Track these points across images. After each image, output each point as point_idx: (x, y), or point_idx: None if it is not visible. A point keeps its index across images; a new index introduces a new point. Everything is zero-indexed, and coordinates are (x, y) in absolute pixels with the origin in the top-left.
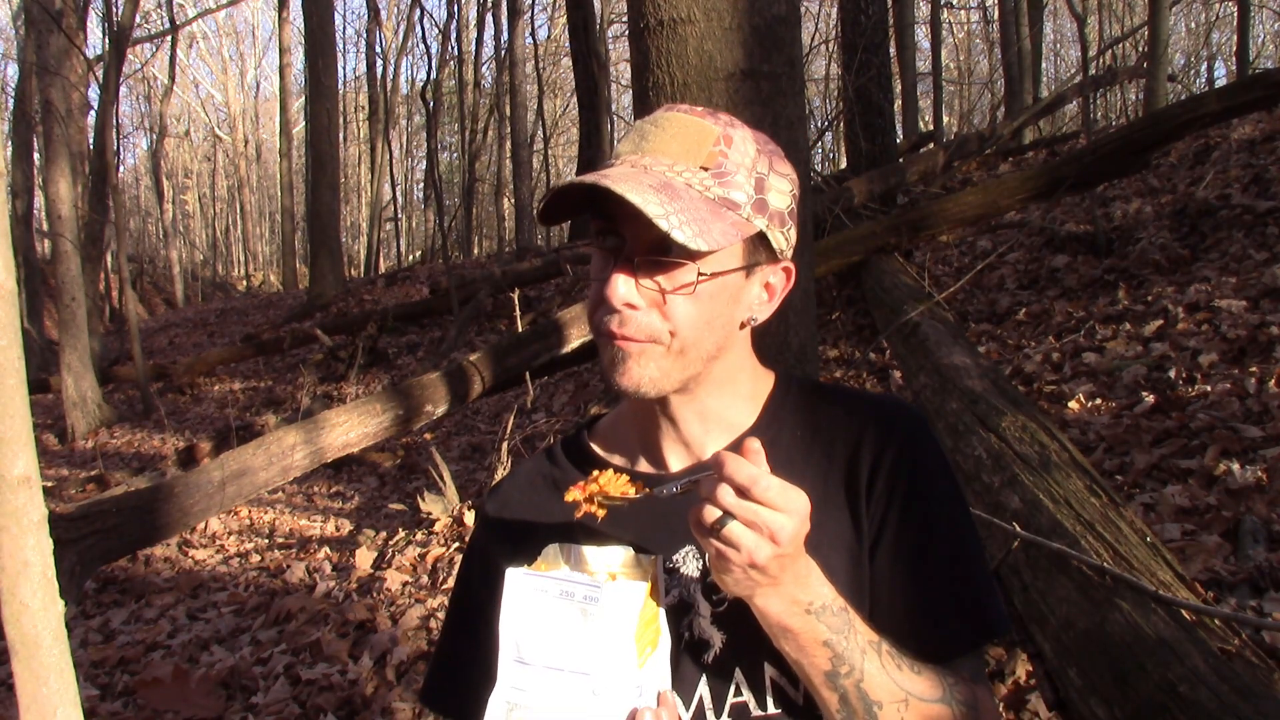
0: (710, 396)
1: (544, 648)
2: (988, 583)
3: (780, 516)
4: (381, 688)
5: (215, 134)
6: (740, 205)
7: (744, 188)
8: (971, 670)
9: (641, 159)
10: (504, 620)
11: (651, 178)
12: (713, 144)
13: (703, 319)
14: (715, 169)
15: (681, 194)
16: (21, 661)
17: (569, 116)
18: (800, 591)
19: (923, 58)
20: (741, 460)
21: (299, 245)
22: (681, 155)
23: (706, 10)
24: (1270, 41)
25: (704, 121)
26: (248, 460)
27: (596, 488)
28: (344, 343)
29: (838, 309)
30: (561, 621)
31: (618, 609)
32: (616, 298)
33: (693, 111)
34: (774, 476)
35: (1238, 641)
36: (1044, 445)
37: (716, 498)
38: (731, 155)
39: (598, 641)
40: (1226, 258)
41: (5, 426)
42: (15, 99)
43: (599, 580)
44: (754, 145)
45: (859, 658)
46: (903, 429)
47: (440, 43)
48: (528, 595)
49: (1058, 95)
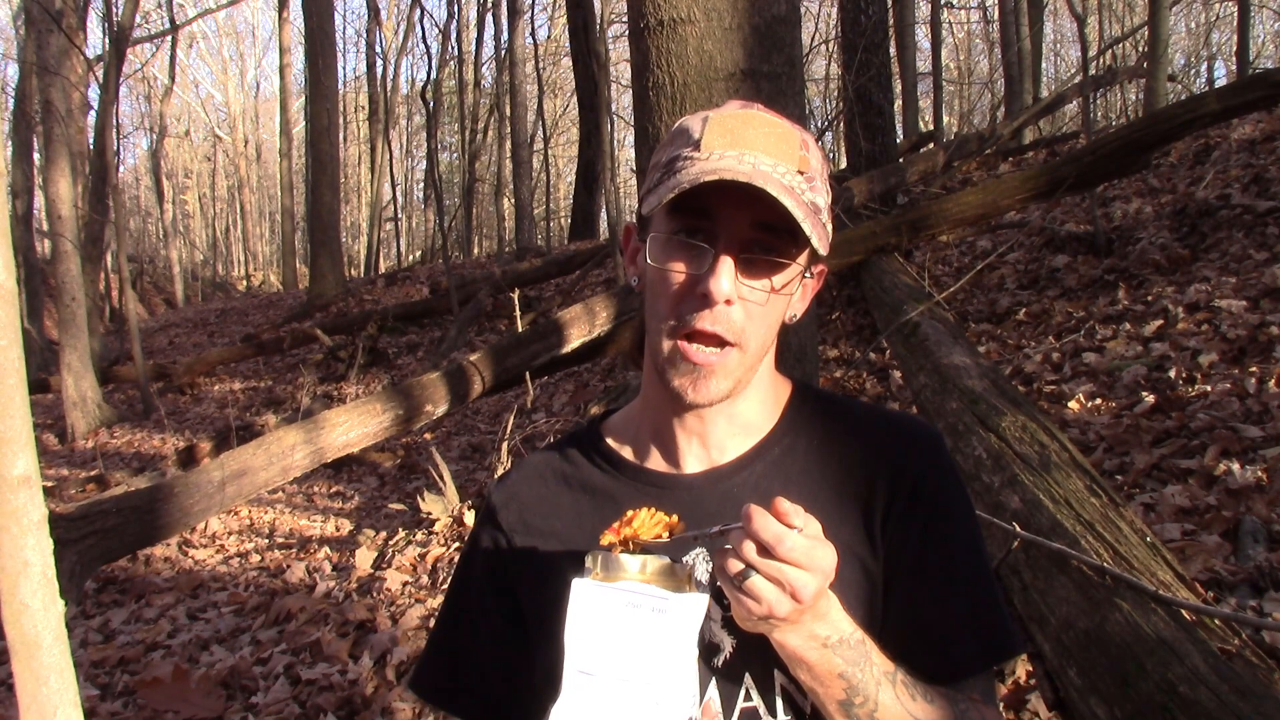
0: (743, 399)
1: (610, 658)
2: (1000, 604)
3: (804, 575)
4: (381, 688)
5: (215, 134)
6: (822, 210)
7: (822, 193)
8: (983, 690)
9: (743, 154)
10: (569, 630)
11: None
12: (799, 147)
13: (772, 324)
14: (806, 173)
15: (795, 197)
16: (21, 661)
17: (569, 116)
18: (818, 627)
19: (923, 58)
20: (769, 517)
21: (299, 245)
22: (780, 155)
23: (706, 10)
24: (1270, 41)
25: (783, 122)
26: (248, 460)
27: (630, 530)
28: (344, 343)
29: (838, 309)
30: (628, 632)
31: (685, 620)
32: (721, 292)
33: (767, 110)
34: (800, 537)
35: (1238, 641)
36: (1044, 445)
37: (742, 552)
38: (811, 160)
39: (664, 652)
40: (1226, 258)
41: (5, 426)
42: (15, 99)
43: (666, 593)
44: (817, 149)
45: (874, 689)
46: (922, 450)
47: (440, 43)
48: (594, 605)
49: (1058, 95)
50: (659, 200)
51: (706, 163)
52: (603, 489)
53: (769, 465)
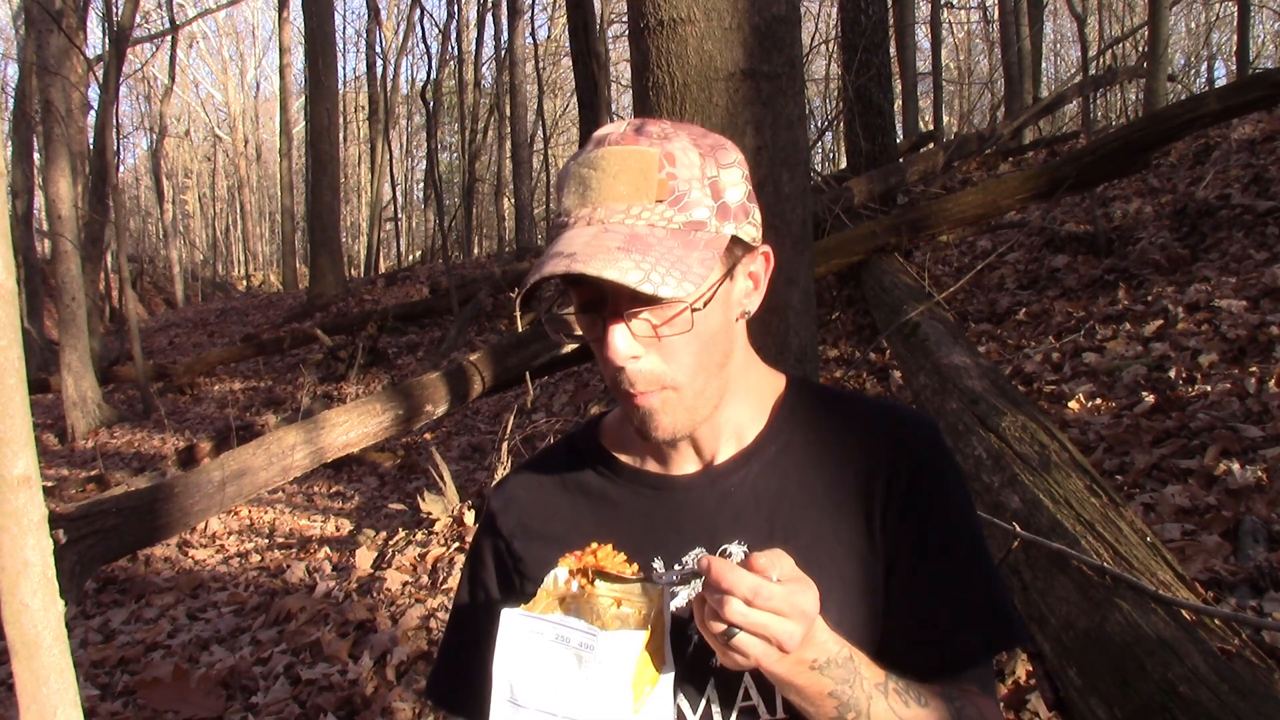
0: (728, 406)
1: (538, 691)
2: (1003, 593)
3: (787, 624)
4: (381, 688)
5: (215, 134)
6: (706, 223)
7: (703, 203)
8: (982, 681)
9: (594, 212)
10: (497, 660)
11: (614, 236)
12: (657, 170)
13: (704, 347)
14: (670, 197)
15: (649, 240)
16: (21, 661)
17: (569, 116)
18: (805, 652)
19: (923, 58)
20: (740, 571)
21: (299, 245)
22: (633, 195)
23: (706, 10)
24: (1270, 41)
25: (639, 148)
26: (248, 460)
27: (593, 560)
28: (344, 343)
29: (838, 309)
30: (556, 666)
31: (614, 659)
32: (619, 355)
33: (624, 140)
34: (776, 586)
35: (1238, 641)
36: (1044, 445)
37: (723, 612)
38: (679, 174)
39: (593, 690)
40: (1226, 258)
41: (5, 426)
42: (15, 99)
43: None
44: (695, 151)
45: (865, 703)
46: (920, 441)
47: (440, 43)
48: (523, 637)
49: (1058, 95)
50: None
51: (556, 243)
52: (599, 492)
53: (764, 464)
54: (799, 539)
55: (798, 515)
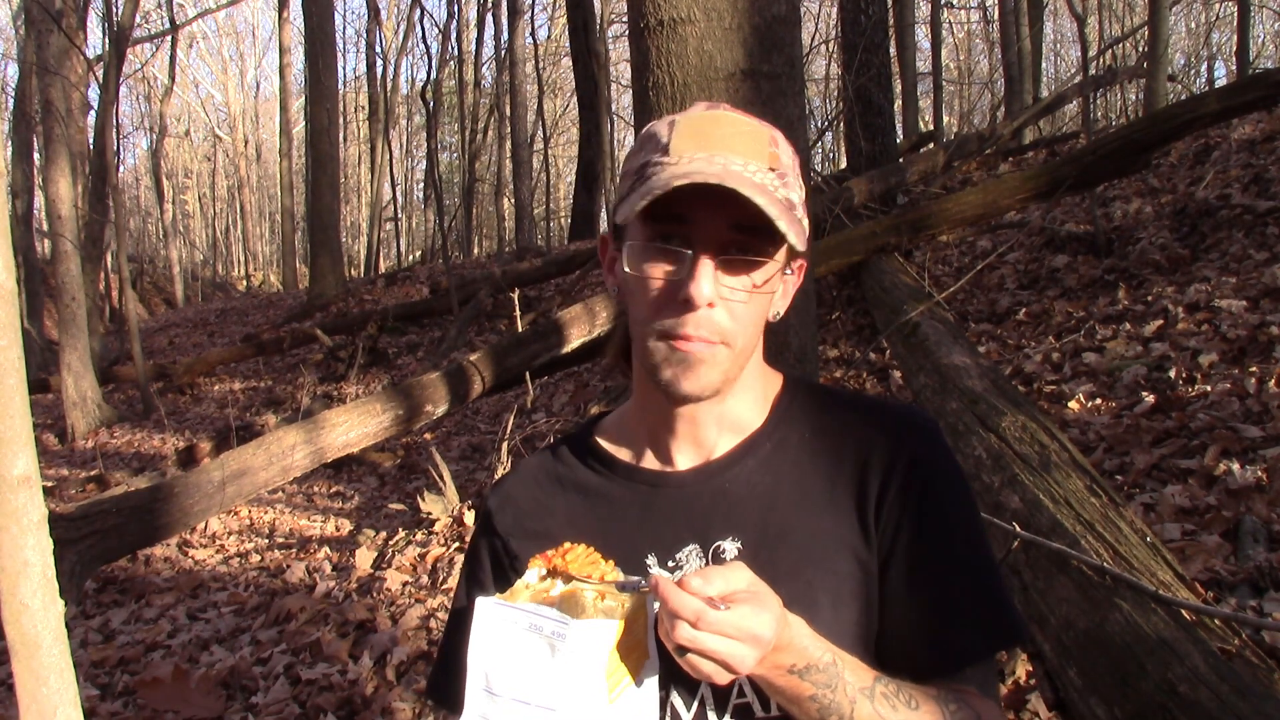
0: (732, 397)
1: (511, 680)
2: (1003, 589)
3: (735, 646)
4: (381, 688)
5: (215, 134)
6: (797, 206)
7: (795, 188)
8: (981, 680)
9: (713, 157)
10: (472, 649)
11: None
12: (769, 144)
13: (758, 318)
14: (778, 170)
15: (769, 194)
16: (21, 661)
17: (569, 116)
18: (782, 658)
19: (923, 58)
20: (683, 594)
21: (299, 245)
22: (750, 154)
23: (706, 10)
24: (1270, 41)
25: (751, 120)
26: (248, 460)
27: (561, 562)
28: (344, 343)
29: (838, 309)
30: (529, 655)
31: (585, 647)
32: (703, 296)
33: (733, 110)
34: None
35: (1238, 641)
36: (1044, 445)
37: (673, 634)
38: (782, 156)
39: (565, 678)
40: (1226, 258)
41: (5, 426)
42: (15, 99)
43: (567, 618)
44: (787, 144)
45: (848, 708)
46: (917, 437)
47: (440, 43)
48: (496, 625)
49: (1058, 95)
50: (632, 208)
51: (677, 167)
52: (596, 489)
53: (760, 461)
54: (793, 535)
55: (792, 511)
